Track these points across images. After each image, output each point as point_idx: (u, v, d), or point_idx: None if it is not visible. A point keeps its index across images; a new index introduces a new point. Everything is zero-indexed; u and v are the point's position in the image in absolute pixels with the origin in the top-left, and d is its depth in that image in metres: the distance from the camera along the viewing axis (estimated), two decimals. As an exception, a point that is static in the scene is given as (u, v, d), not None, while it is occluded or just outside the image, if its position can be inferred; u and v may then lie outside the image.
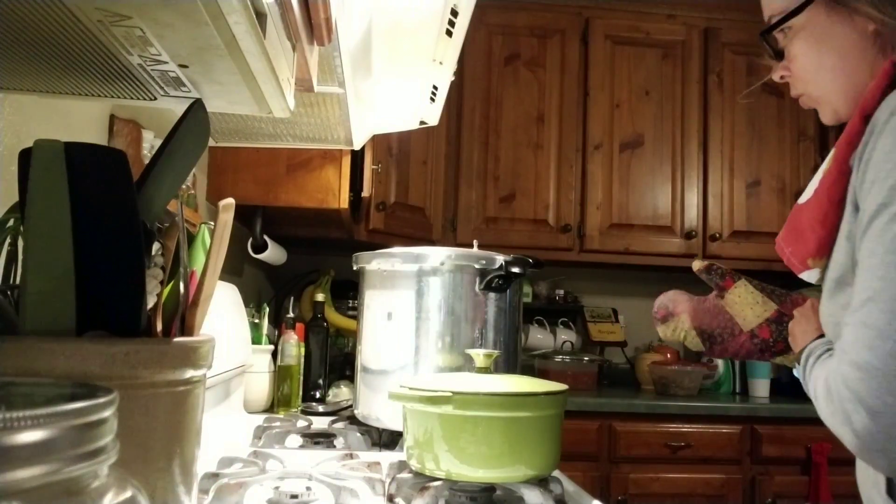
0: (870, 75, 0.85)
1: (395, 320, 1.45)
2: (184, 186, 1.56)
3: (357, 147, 1.56)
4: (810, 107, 0.97)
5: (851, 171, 0.81)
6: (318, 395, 2.06)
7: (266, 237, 2.13)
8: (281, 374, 1.97)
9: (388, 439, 1.48)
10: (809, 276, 0.90)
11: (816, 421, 0.83)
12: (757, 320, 1.04)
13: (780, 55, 0.95)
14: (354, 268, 1.56)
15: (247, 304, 2.00)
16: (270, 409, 1.97)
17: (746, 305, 1.04)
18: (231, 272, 2.14)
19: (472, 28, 1.24)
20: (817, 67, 0.91)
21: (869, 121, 0.79)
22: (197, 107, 0.71)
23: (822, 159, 1.22)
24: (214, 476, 1.02)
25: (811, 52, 0.90)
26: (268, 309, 2.13)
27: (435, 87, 1.41)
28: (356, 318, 1.65)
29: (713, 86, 2.95)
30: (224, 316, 1.59)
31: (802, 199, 0.91)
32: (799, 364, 0.89)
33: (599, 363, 2.88)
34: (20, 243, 0.65)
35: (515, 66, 2.92)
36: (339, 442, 1.46)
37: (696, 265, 1.10)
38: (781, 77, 0.97)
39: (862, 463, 0.84)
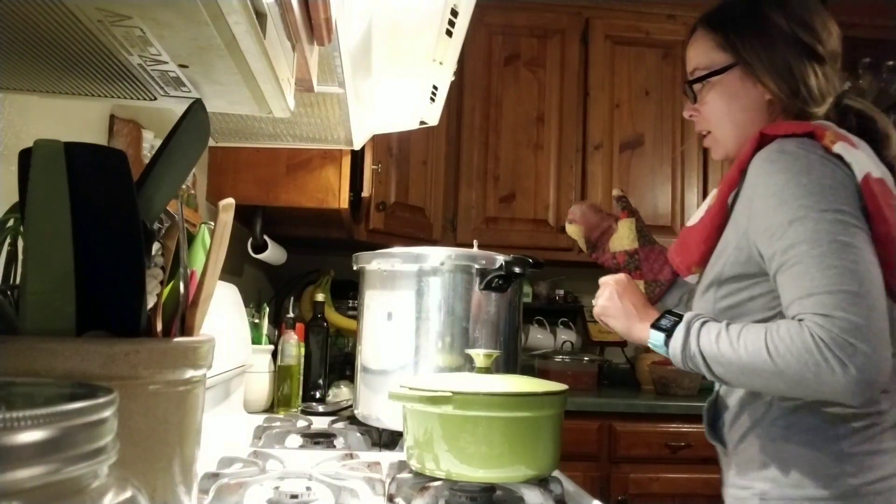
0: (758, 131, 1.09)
1: (395, 320, 1.45)
2: (184, 186, 1.56)
3: (357, 147, 1.56)
4: (709, 145, 1.20)
5: (729, 207, 1.08)
6: (318, 395, 2.06)
7: (266, 237, 2.13)
8: (281, 374, 1.97)
9: (388, 439, 1.48)
10: (692, 279, 1.18)
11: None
12: (620, 248, 1.38)
13: (695, 98, 1.19)
14: (354, 268, 1.56)
15: (247, 304, 2.00)
16: (270, 409, 1.97)
17: (622, 235, 1.38)
18: (231, 272, 2.14)
19: (472, 28, 1.24)
20: (724, 116, 1.15)
21: (743, 173, 1.06)
22: (197, 107, 0.71)
23: None
24: (214, 476, 1.02)
25: (722, 103, 1.15)
26: (268, 309, 2.13)
27: (435, 87, 1.41)
28: (356, 318, 1.65)
29: (713, 86, 2.95)
30: (224, 316, 1.59)
31: (690, 223, 1.17)
32: (668, 334, 1.05)
33: (599, 363, 2.88)
34: (20, 243, 0.65)
35: (515, 66, 2.92)
36: (339, 442, 1.46)
37: (615, 192, 1.44)
38: (691, 115, 1.21)
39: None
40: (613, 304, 1.13)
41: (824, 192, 0.96)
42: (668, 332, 1.05)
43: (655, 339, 1.06)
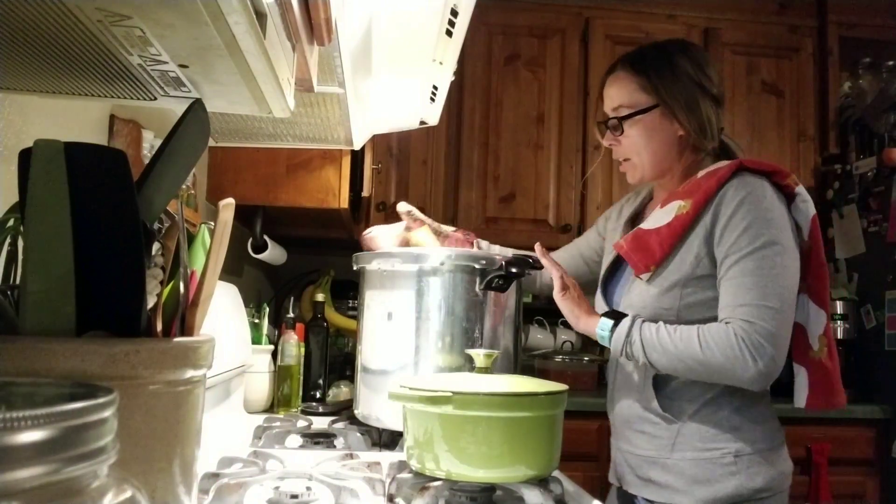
0: (671, 161, 1.37)
1: (395, 320, 1.45)
2: (184, 186, 1.56)
3: (357, 147, 1.56)
4: (626, 170, 1.41)
5: (700, 216, 1.27)
6: (318, 395, 2.06)
7: (266, 237, 2.13)
8: (281, 374, 1.97)
9: (389, 439, 1.48)
10: (645, 276, 1.31)
11: (816, 421, 0.89)
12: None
13: (620, 130, 1.37)
14: (354, 268, 1.56)
15: (247, 304, 2.00)
16: (270, 409, 1.97)
17: (424, 241, 1.56)
18: (231, 272, 2.15)
19: (472, 28, 1.24)
20: (643, 148, 1.36)
21: (721, 187, 1.27)
22: (197, 107, 0.71)
23: (822, 159, 2.44)
24: (214, 476, 1.02)
25: (643, 137, 1.35)
26: (268, 309, 2.13)
27: (435, 87, 1.41)
28: (356, 318, 1.65)
29: (713, 86, 2.94)
30: (224, 316, 1.59)
31: (650, 225, 1.33)
32: (616, 323, 1.29)
33: (599, 363, 2.88)
34: (20, 243, 0.65)
35: (515, 66, 2.92)
36: (339, 442, 1.46)
37: (404, 207, 1.58)
38: (610, 144, 1.40)
39: (626, 386, 1.39)
40: (574, 299, 1.37)
41: (777, 229, 1.23)
42: (616, 322, 1.27)
43: (604, 325, 1.29)
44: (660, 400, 1.31)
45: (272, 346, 2.03)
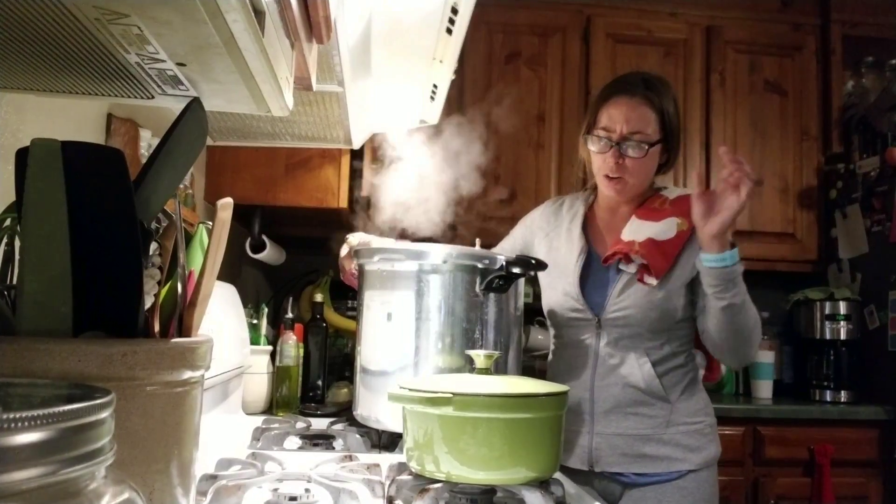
0: (649, 183, 1.57)
1: (395, 321, 1.44)
2: (181, 186, 1.55)
3: (356, 146, 1.56)
4: (617, 187, 1.52)
5: (693, 231, 1.45)
6: (317, 396, 2.06)
7: (264, 237, 2.13)
8: (280, 375, 1.96)
9: (388, 441, 1.47)
10: (650, 280, 1.47)
11: (819, 422, 0.88)
12: None
13: (637, 153, 1.48)
14: (354, 268, 1.56)
15: (245, 305, 1.99)
16: (269, 410, 1.97)
17: None
18: (229, 272, 2.14)
19: (472, 26, 1.24)
20: (642, 172, 1.52)
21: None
22: (195, 105, 0.70)
23: (825, 158, 2.66)
24: (213, 478, 1.01)
25: (646, 164, 1.51)
26: (266, 309, 2.12)
27: (435, 86, 1.41)
28: (355, 318, 1.65)
29: (715, 84, 2.94)
30: (222, 316, 1.59)
31: (662, 237, 1.49)
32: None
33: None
34: (17, 243, 0.64)
35: (516, 65, 2.92)
36: (338, 443, 1.45)
37: (353, 240, 1.57)
38: (617, 162, 1.50)
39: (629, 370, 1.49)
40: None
41: None
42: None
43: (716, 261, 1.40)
44: (659, 382, 1.49)
45: (271, 347, 2.03)
